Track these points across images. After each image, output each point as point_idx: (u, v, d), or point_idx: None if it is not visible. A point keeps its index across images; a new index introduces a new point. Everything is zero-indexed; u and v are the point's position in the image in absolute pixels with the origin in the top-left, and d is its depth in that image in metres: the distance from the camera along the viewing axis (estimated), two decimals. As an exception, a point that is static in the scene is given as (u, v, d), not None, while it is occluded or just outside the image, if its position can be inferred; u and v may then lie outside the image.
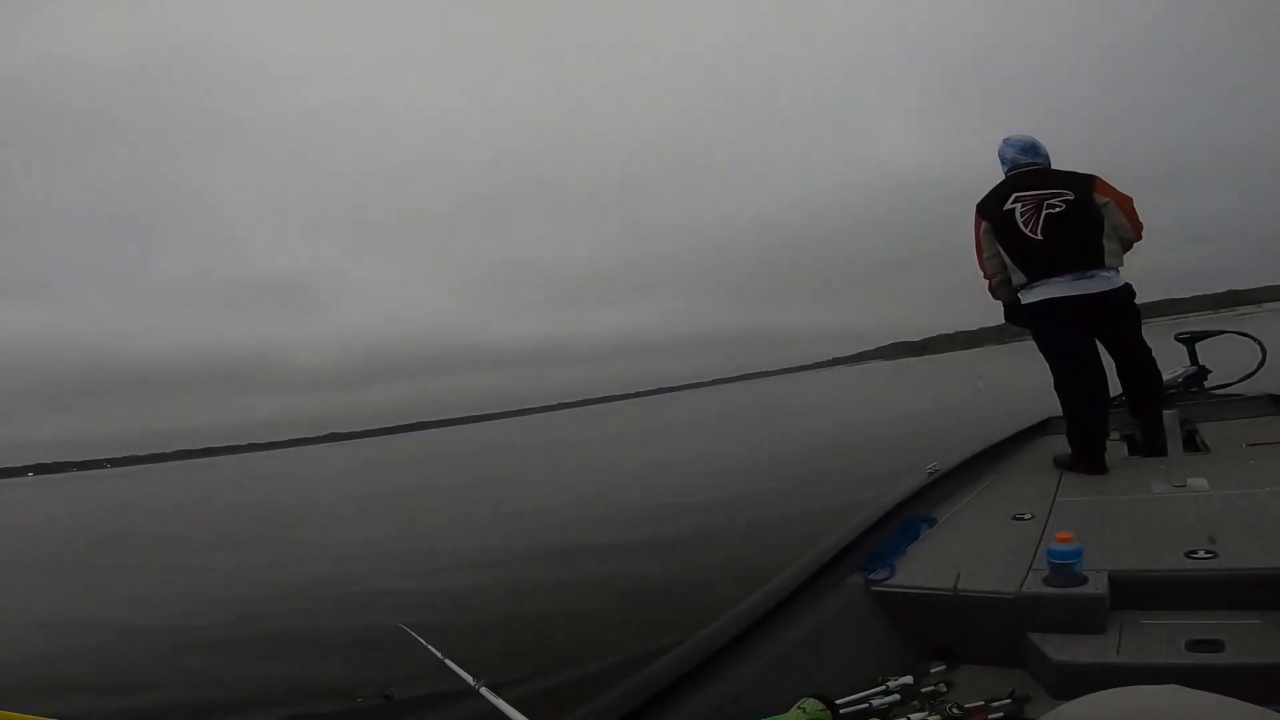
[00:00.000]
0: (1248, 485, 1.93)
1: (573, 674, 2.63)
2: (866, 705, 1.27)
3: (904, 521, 1.98)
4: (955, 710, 1.24)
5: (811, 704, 1.17)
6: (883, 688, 1.31)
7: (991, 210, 2.62)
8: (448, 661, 1.40)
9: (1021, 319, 2.68)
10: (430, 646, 1.53)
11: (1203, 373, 3.52)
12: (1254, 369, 3.46)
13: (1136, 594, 1.40)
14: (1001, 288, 2.71)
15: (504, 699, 1.16)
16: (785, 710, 1.17)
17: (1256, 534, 1.52)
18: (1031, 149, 2.65)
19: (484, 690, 1.24)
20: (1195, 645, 1.22)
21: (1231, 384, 3.46)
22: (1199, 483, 2.00)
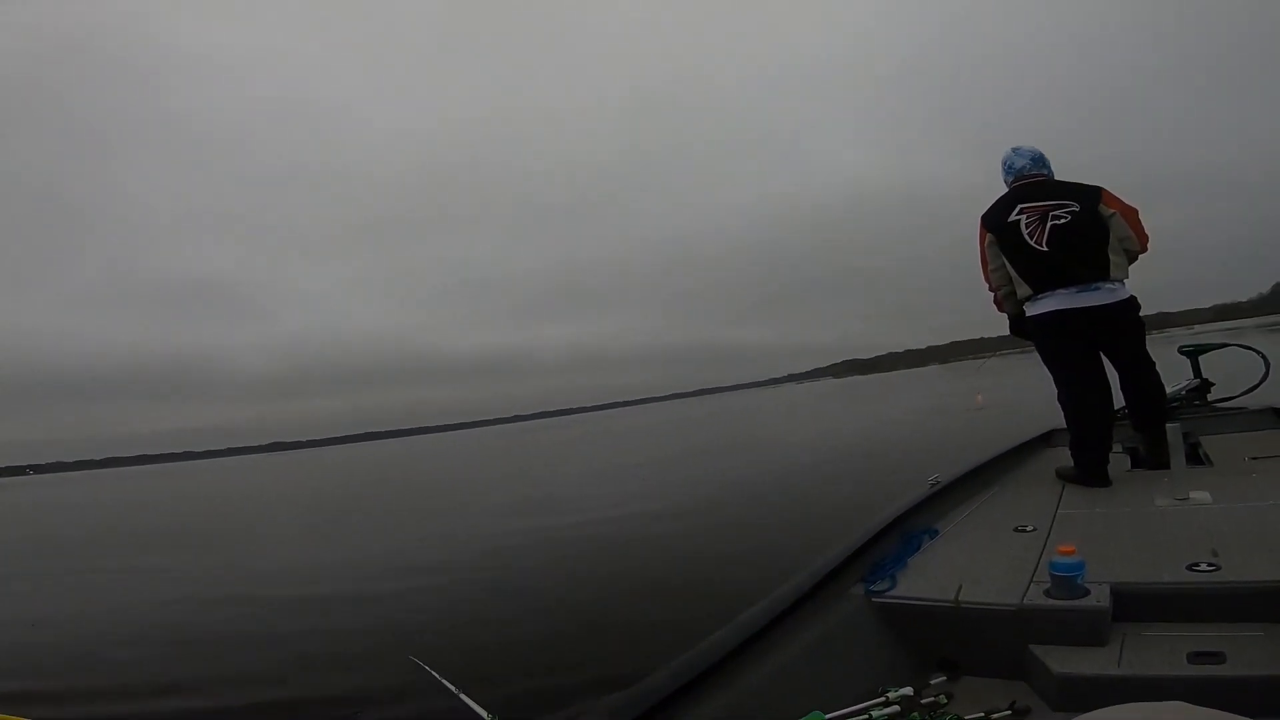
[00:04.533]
0: (1250, 498, 2.03)
1: (578, 694, 2.69)
2: (866, 717, 1.32)
3: (906, 533, 2.06)
4: None
5: None
6: (883, 699, 1.37)
7: (996, 222, 2.71)
8: (462, 695, 1.41)
9: (1026, 331, 2.79)
10: (444, 680, 1.53)
11: (1206, 386, 3.66)
12: (1257, 382, 3.62)
13: (1138, 606, 1.47)
14: (1007, 300, 2.81)
15: None
16: None
17: (1259, 547, 1.60)
18: (1037, 160, 2.75)
19: None
20: (1196, 657, 1.29)
21: (1235, 397, 3.60)
22: (1202, 496, 2.10)
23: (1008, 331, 2.96)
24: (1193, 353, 3.77)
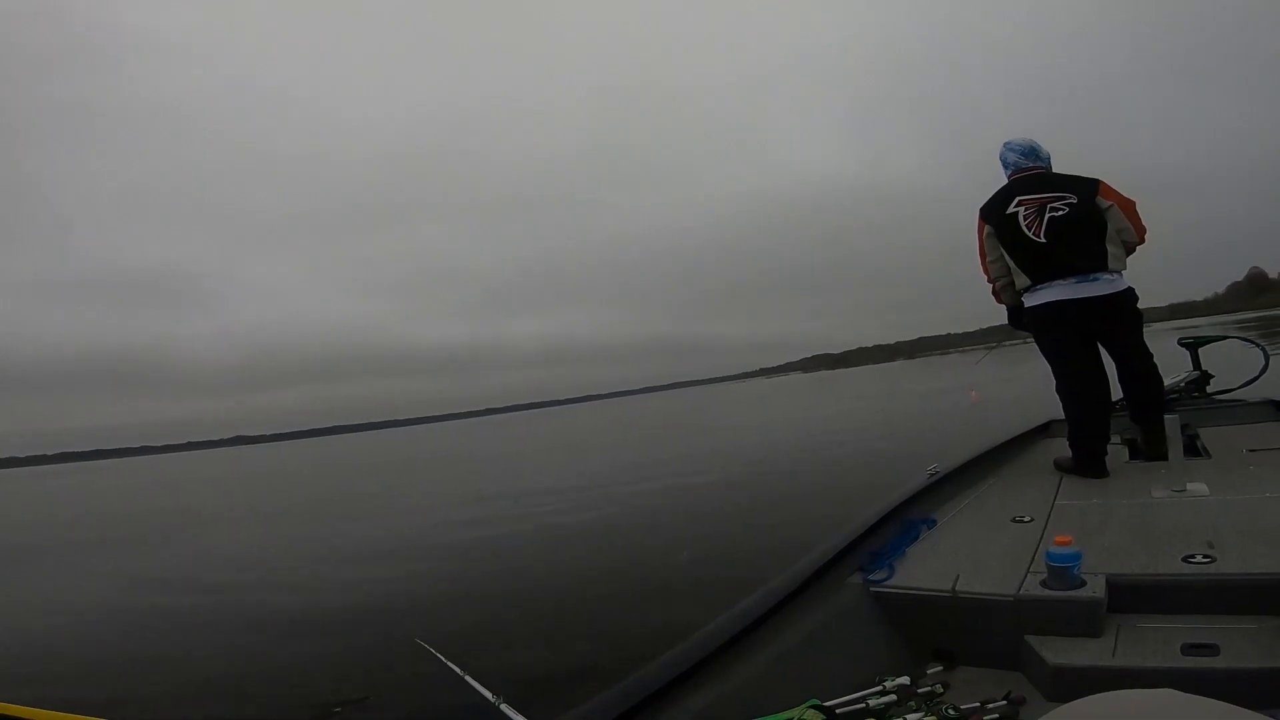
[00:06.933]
0: (1247, 491, 2.10)
1: (580, 676, 2.77)
2: (863, 705, 1.37)
3: (904, 522, 2.12)
4: (951, 711, 1.34)
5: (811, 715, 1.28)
6: (879, 688, 1.41)
7: (995, 213, 2.79)
8: (468, 678, 1.45)
9: (1024, 322, 2.86)
10: (450, 663, 1.57)
11: (1205, 378, 3.76)
12: (1256, 375, 3.72)
13: (1134, 598, 1.52)
14: (1005, 291, 2.88)
15: (524, 716, 1.23)
16: (783, 710, 1.28)
17: (1255, 539, 1.65)
18: (1033, 152, 2.83)
19: (504, 707, 1.30)
20: (1190, 649, 1.33)
21: (1233, 389, 3.70)
22: (1199, 488, 2.16)
23: (972, 329, 3.05)
24: (1192, 345, 3.86)
